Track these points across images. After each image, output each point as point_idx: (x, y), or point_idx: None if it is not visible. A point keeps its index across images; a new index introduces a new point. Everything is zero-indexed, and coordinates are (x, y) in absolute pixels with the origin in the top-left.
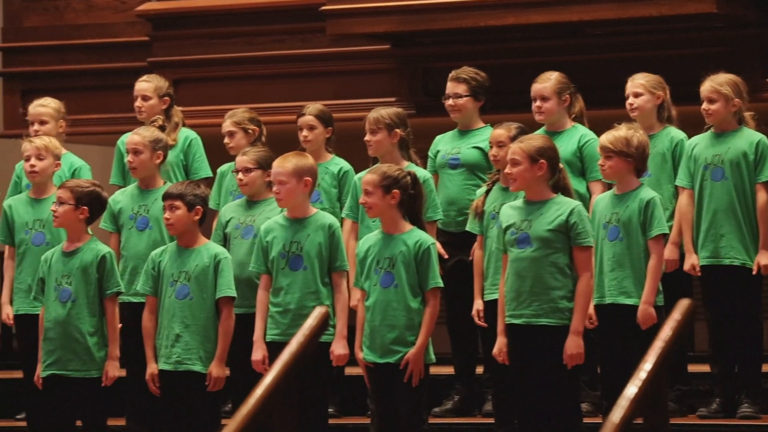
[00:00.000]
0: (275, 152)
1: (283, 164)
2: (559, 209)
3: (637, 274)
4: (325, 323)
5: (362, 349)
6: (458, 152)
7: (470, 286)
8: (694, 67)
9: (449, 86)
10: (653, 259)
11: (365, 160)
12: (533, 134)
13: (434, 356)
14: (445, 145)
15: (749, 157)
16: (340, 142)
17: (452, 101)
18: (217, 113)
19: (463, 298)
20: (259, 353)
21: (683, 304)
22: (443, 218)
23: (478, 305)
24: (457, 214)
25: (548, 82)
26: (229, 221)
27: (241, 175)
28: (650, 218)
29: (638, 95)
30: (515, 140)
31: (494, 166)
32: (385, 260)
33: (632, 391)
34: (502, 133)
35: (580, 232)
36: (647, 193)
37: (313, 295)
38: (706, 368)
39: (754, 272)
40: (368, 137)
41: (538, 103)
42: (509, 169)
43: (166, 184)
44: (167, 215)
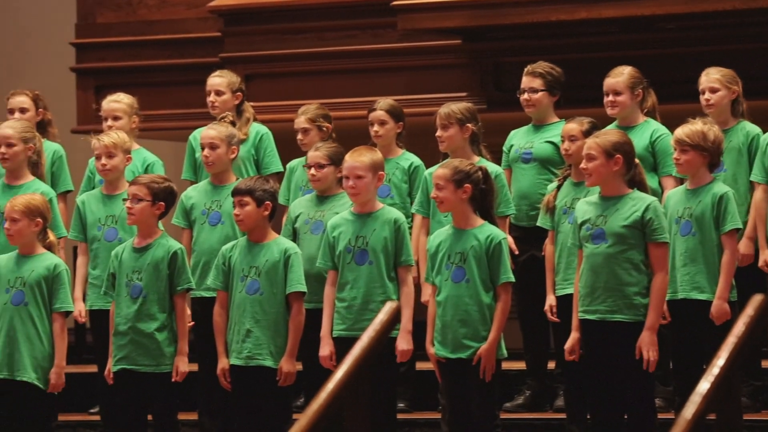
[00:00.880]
0: (346, 148)
1: (359, 158)
2: (635, 205)
3: (710, 269)
4: (395, 318)
5: (433, 344)
6: (531, 147)
7: (542, 281)
8: (765, 61)
9: (524, 80)
10: (727, 254)
11: (436, 155)
12: (608, 129)
13: (506, 351)
14: (519, 139)
15: None
16: (410, 137)
17: (527, 95)
18: (288, 108)
19: (534, 293)
20: (326, 349)
21: (757, 299)
22: (515, 213)
23: (550, 300)
24: (529, 208)
25: (621, 76)
26: (298, 216)
27: (314, 170)
28: (723, 213)
29: (715, 90)
30: (587, 135)
31: (566, 160)
32: (456, 255)
33: (705, 386)
34: (574, 127)
35: (656, 228)
36: (720, 187)
37: (378, 289)
38: None
39: None
40: (439, 132)
41: (611, 97)
42: (585, 164)
43: (238, 179)
44: (237, 211)
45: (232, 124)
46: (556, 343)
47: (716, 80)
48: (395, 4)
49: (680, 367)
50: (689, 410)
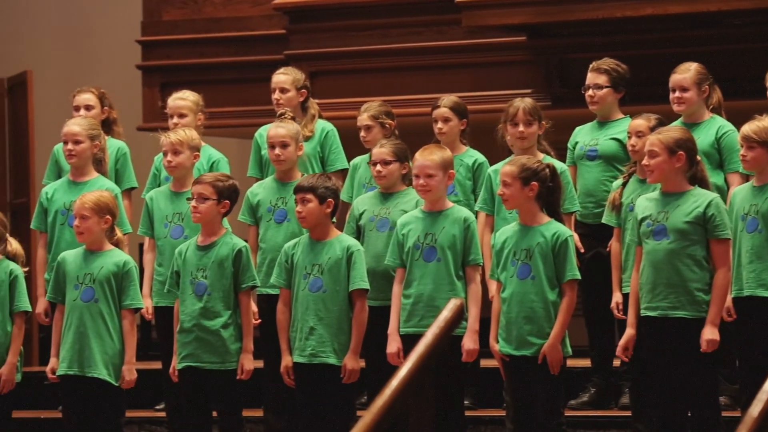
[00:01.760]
0: (409, 145)
1: (429, 157)
2: (696, 201)
3: None
4: (459, 316)
5: (498, 340)
6: (596, 144)
7: (607, 278)
8: None
9: (589, 77)
10: None
11: (499, 152)
12: (671, 126)
13: (571, 348)
14: (583, 136)
15: None
16: (474, 134)
17: (592, 92)
18: (352, 106)
19: (600, 290)
20: (393, 346)
21: None
22: (581, 210)
23: (617, 298)
24: (594, 205)
25: (688, 72)
26: (362, 214)
27: (379, 167)
28: None
29: None
30: (654, 131)
31: (632, 156)
32: (522, 252)
33: None
34: (641, 123)
35: (717, 224)
36: None
37: (446, 287)
38: None
39: None
40: (522, 128)
41: (677, 93)
42: (647, 160)
43: (302, 176)
44: (299, 208)
45: (292, 120)
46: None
47: None
48: (460, 1)
49: (747, 364)
50: (756, 408)
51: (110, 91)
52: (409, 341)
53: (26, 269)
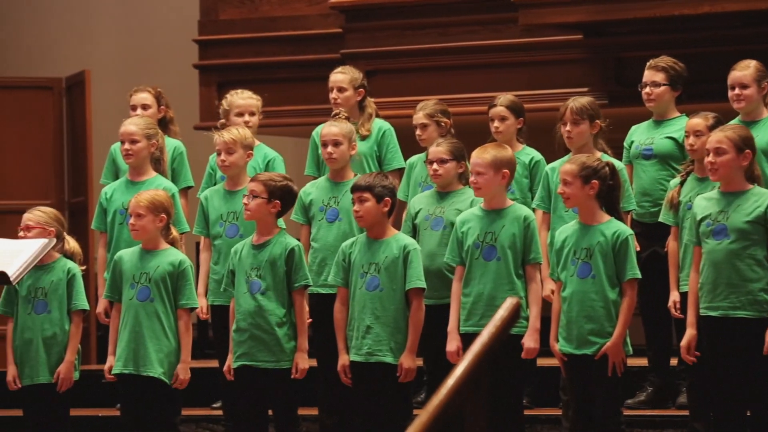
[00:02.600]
0: (465, 143)
1: (481, 155)
2: (757, 201)
3: None
4: (516, 314)
5: (558, 340)
6: (652, 143)
7: (664, 277)
8: None
9: (647, 74)
10: None
11: (556, 149)
12: (731, 124)
13: (631, 348)
14: (639, 135)
15: None
16: (531, 132)
17: (649, 90)
18: (409, 104)
19: (657, 289)
20: (453, 344)
21: None
22: (637, 209)
23: (674, 297)
24: (650, 204)
25: (748, 69)
26: (418, 212)
27: (435, 165)
28: None
29: None
30: (712, 130)
31: (690, 155)
32: (582, 251)
33: None
34: (699, 122)
35: None
36: None
37: (506, 286)
38: None
39: None
40: (569, 128)
41: (736, 90)
42: (712, 158)
43: (356, 175)
44: (356, 207)
45: (346, 119)
46: (679, 339)
47: None
48: None
49: None
50: None
51: (167, 90)
52: (468, 340)
53: (83, 268)
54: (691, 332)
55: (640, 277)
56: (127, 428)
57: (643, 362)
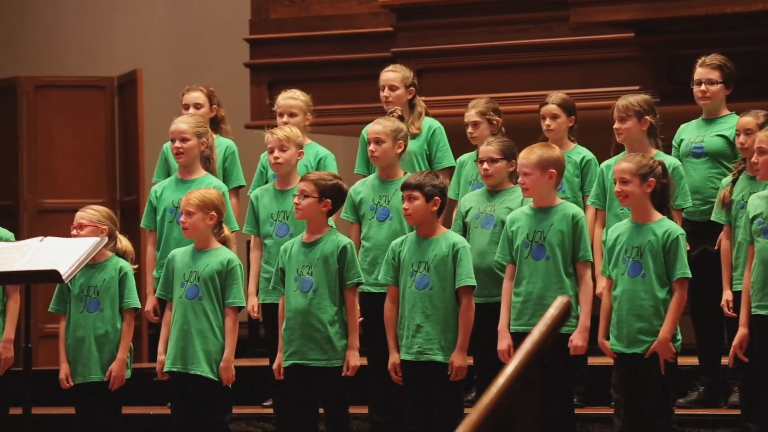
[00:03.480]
0: (515, 142)
1: (528, 156)
2: None
3: None
4: (567, 313)
5: (607, 338)
6: (702, 141)
7: (715, 275)
8: None
9: (701, 72)
10: None
11: (607, 148)
12: None
13: (680, 345)
14: (689, 133)
15: None
16: (582, 131)
17: (704, 87)
18: (459, 103)
19: (708, 288)
20: (504, 342)
21: None
22: (691, 207)
23: (727, 296)
24: (701, 203)
25: None
26: (468, 211)
27: (486, 164)
28: None
29: None
30: (763, 128)
31: (741, 154)
32: (633, 249)
33: None
34: (749, 120)
35: None
36: None
37: (555, 285)
38: None
39: None
40: (617, 125)
41: None
42: (756, 158)
43: (405, 174)
44: (405, 205)
45: (400, 118)
46: (730, 338)
47: None
48: None
49: None
50: None
51: (218, 89)
52: (518, 339)
53: (135, 266)
54: (743, 331)
55: (690, 276)
56: (177, 426)
57: (694, 361)
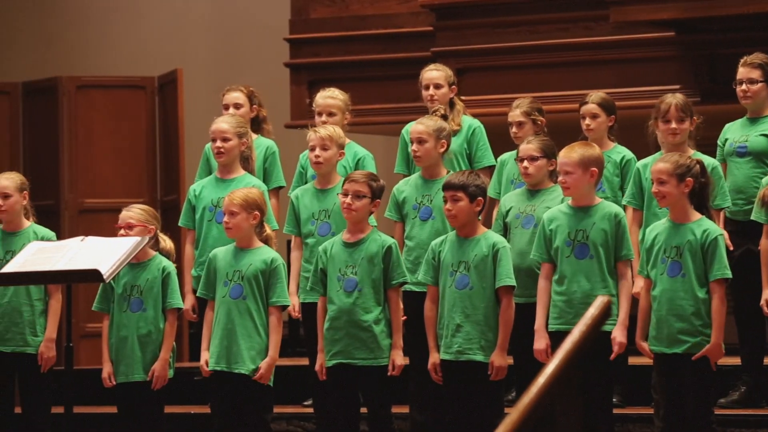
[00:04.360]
0: (555, 141)
1: (569, 154)
2: None
3: None
4: (607, 313)
5: (644, 338)
6: (746, 140)
7: (758, 275)
8: None
9: (742, 71)
10: None
11: (647, 147)
12: None
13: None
14: (733, 133)
15: None
16: (622, 130)
17: (746, 86)
18: (498, 102)
19: (751, 287)
20: (541, 342)
21: None
22: (731, 207)
23: (766, 295)
24: (744, 202)
25: None
26: (509, 211)
27: (526, 163)
28: None
29: None
30: None
31: None
32: (672, 249)
33: None
34: None
35: None
36: None
37: (599, 284)
38: None
39: None
40: (675, 125)
41: None
42: None
43: (448, 173)
44: (448, 206)
45: (443, 117)
46: None
47: None
48: None
49: None
50: None
51: (258, 89)
52: (558, 338)
53: (176, 266)
54: None
55: (729, 276)
56: (218, 426)
57: (736, 361)
